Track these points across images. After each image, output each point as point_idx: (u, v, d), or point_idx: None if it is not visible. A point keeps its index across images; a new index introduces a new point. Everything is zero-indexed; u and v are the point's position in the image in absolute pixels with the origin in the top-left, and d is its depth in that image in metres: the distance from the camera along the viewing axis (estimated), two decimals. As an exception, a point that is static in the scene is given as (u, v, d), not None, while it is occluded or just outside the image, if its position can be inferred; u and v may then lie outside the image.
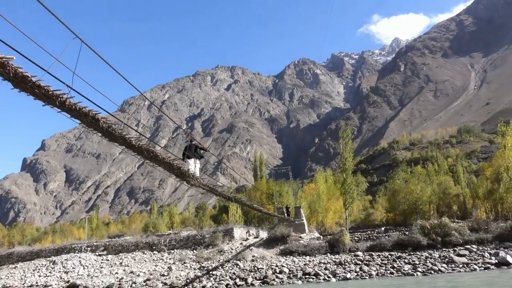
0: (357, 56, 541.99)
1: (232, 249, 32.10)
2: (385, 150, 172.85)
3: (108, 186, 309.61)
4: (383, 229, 40.65)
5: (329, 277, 23.21)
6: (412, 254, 25.87)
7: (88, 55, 7.09)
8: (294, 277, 24.06)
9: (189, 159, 13.55)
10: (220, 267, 27.49)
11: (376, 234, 32.84)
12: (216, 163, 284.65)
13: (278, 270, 25.28)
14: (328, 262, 26.24)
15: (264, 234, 36.84)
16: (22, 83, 6.18)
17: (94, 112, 7.55)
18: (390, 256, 26.02)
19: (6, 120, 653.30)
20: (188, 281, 25.37)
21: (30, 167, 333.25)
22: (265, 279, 24.01)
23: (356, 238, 31.85)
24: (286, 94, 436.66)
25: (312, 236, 35.15)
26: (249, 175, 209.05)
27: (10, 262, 37.76)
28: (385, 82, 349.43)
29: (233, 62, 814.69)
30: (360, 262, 25.37)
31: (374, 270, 23.47)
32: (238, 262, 27.96)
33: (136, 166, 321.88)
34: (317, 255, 28.11)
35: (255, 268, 26.42)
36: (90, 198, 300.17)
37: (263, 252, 30.02)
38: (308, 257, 28.06)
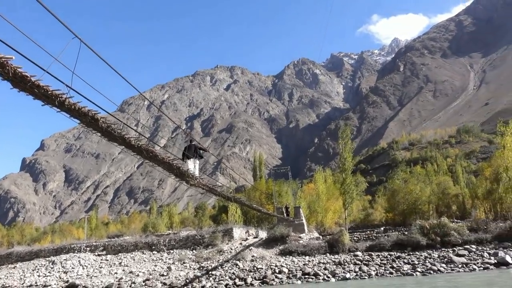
0: (356, 56, 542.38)
1: (231, 249, 32.10)
2: (384, 150, 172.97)
3: (107, 186, 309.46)
4: (383, 229, 40.60)
5: (328, 277, 23.22)
6: (411, 254, 25.88)
7: (87, 55, 7.10)
8: (294, 277, 24.06)
9: (188, 159, 13.55)
10: (219, 267, 27.49)
11: (375, 234, 32.81)
12: (215, 163, 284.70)
13: (277, 270, 25.28)
14: (327, 262, 26.24)
15: (263, 234, 36.84)
16: (22, 83, 6.17)
17: (94, 112, 7.55)
18: (389, 256, 26.03)
19: (5, 119, 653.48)
20: (187, 281, 25.36)
21: (30, 167, 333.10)
22: (264, 279, 24.01)
23: (355, 238, 31.84)
24: (286, 94, 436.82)
25: (311, 236, 35.15)
26: (248, 175, 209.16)
27: (9, 262, 37.74)
28: (384, 82, 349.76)
29: (232, 62, 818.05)
30: (359, 262, 25.37)
31: (374, 270, 23.49)
32: (238, 262, 27.96)
33: (135, 166, 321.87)
34: (316, 255, 28.12)
35: (255, 268, 26.41)
36: (89, 198, 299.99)
37: (263, 252, 30.02)
38: (307, 257, 28.07)
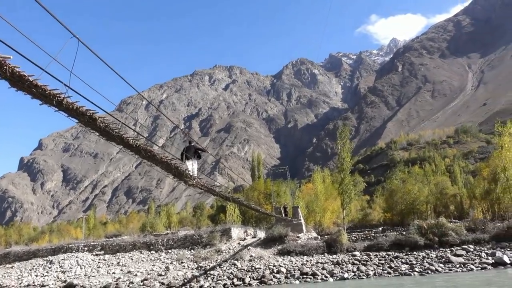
0: (355, 56, 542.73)
1: (229, 249, 32.11)
2: (382, 150, 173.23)
3: (105, 186, 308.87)
4: (381, 229, 40.67)
5: (326, 277, 23.24)
6: (409, 254, 25.93)
7: (85, 54, 7.09)
8: (292, 277, 24.08)
9: (188, 160, 13.55)
10: (217, 267, 27.48)
11: (373, 234, 32.85)
12: (214, 163, 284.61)
13: (275, 270, 25.29)
14: (325, 262, 26.27)
15: (261, 234, 36.86)
16: (19, 83, 6.15)
17: (92, 111, 7.53)
18: (387, 256, 26.09)
19: (3, 119, 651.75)
20: (185, 281, 25.35)
21: (27, 167, 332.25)
22: (262, 279, 24.02)
23: (353, 238, 31.87)
24: (284, 94, 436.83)
25: (309, 236, 35.18)
26: (246, 175, 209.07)
27: (7, 262, 37.69)
28: (382, 83, 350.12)
29: (231, 62, 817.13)
30: (357, 262, 25.41)
31: (372, 270, 23.53)
32: (236, 262, 27.96)
33: (133, 166, 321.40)
34: (314, 255, 28.14)
35: (253, 268, 26.42)
36: (87, 198, 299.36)
37: (261, 252, 30.03)
38: (305, 257, 28.09)
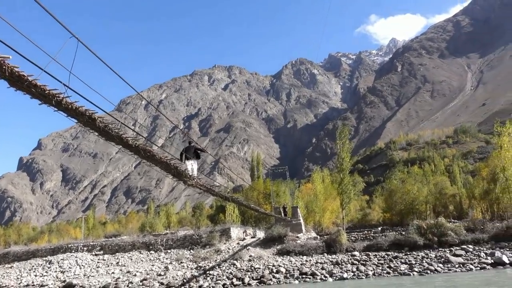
0: (354, 56, 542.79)
1: (229, 249, 32.11)
2: (382, 150, 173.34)
3: (104, 186, 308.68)
4: (380, 229, 40.72)
5: (326, 277, 23.26)
6: (408, 254, 25.95)
7: (85, 54, 7.05)
8: (291, 277, 24.09)
9: (187, 160, 13.57)
10: (217, 267, 27.48)
11: (373, 234, 32.91)
12: (213, 163, 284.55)
13: (275, 270, 25.30)
14: (325, 262, 26.28)
15: (261, 234, 36.87)
16: (18, 82, 6.14)
17: (91, 111, 7.52)
18: (386, 256, 26.11)
19: (2, 119, 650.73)
20: (185, 280, 25.35)
21: (27, 167, 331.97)
22: (262, 279, 24.02)
23: (353, 238, 31.91)
24: (284, 94, 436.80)
25: (309, 236, 35.18)
26: (246, 175, 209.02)
27: (6, 262, 37.67)
28: (382, 83, 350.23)
29: (230, 62, 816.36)
30: (356, 262, 25.43)
31: (371, 270, 23.54)
32: (235, 262, 27.96)
33: (133, 166, 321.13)
34: (314, 255, 28.15)
35: (252, 268, 26.42)
36: (86, 198, 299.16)
37: (260, 252, 30.03)
38: (305, 257, 28.10)
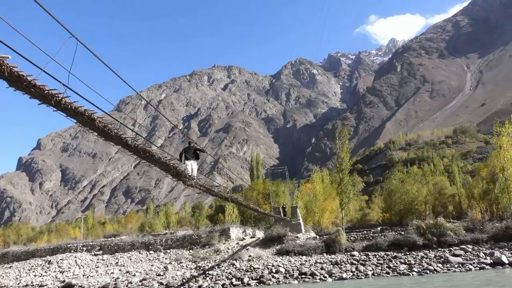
0: (353, 56, 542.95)
1: (228, 249, 32.12)
2: (381, 150, 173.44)
3: (104, 186, 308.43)
4: (379, 229, 40.73)
5: (325, 277, 23.26)
6: (407, 254, 25.98)
7: (84, 54, 7.03)
8: (290, 277, 24.09)
9: (187, 160, 13.61)
10: (216, 267, 27.48)
11: (372, 234, 32.94)
12: (212, 163, 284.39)
13: (274, 270, 25.30)
14: (324, 262, 26.29)
15: (260, 234, 36.88)
16: (18, 82, 6.13)
17: (90, 111, 7.50)
18: (386, 256, 26.13)
19: (1, 118, 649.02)
20: (184, 280, 25.34)
21: (26, 166, 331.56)
22: (261, 279, 24.02)
23: (352, 238, 31.93)
24: (283, 94, 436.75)
25: (308, 236, 35.20)
26: (245, 175, 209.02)
27: (5, 262, 37.66)
28: (381, 83, 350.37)
29: (230, 61, 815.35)
30: (356, 262, 25.45)
31: (370, 270, 23.55)
32: (235, 262, 27.96)
33: (132, 166, 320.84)
34: (313, 255, 28.17)
35: (251, 268, 26.42)
36: (86, 198, 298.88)
37: (260, 252, 30.03)
38: (304, 257, 28.12)
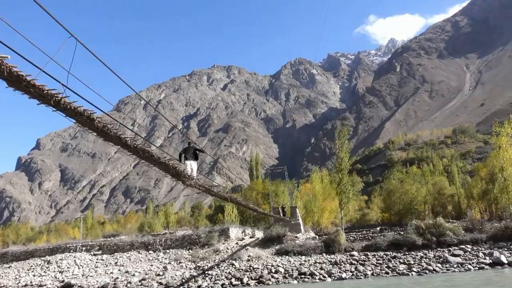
0: (353, 56, 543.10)
1: (227, 248, 32.11)
2: (380, 151, 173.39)
3: (103, 186, 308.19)
4: (379, 229, 40.75)
5: (324, 276, 23.26)
6: (407, 254, 25.99)
7: (83, 54, 7.02)
8: (290, 277, 24.09)
9: (186, 161, 13.62)
10: (215, 267, 27.48)
11: (371, 234, 32.94)
12: (212, 163, 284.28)
13: (273, 270, 25.30)
14: (323, 262, 26.30)
15: (260, 234, 36.88)
16: (17, 82, 6.13)
17: (89, 111, 7.50)
18: (385, 256, 26.14)
19: (0, 118, 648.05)
20: (183, 280, 25.33)
21: (25, 166, 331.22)
22: (260, 279, 24.01)
23: (351, 238, 31.93)
24: (282, 94, 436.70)
25: (307, 236, 35.20)
26: (245, 175, 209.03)
27: (5, 262, 37.62)
28: (381, 83, 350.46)
29: (229, 61, 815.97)
30: (355, 262, 25.46)
31: (370, 270, 23.56)
32: (234, 262, 27.96)
33: (131, 166, 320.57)
34: (312, 255, 28.18)
35: (251, 268, 26.42)
36: (85, 198, 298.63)
37: (259, 252, 30.03)
38: (303, 257, 28.12)
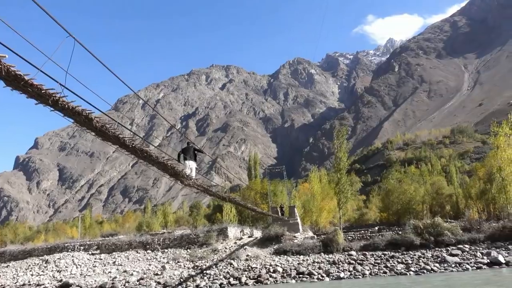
0: (351, 56, 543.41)
1: (226, 248, 32.11)
2: (379, 150, 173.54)
3: (101, 185, 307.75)
4: (377, 228, 40.75)
5: (322, 276, 23.28)
6: (405, 253, 26.03)
7: (82, 53, 6.99)
8: (288, 276, 24.10)
9: (186, 161, 13.62)
10: (214, 266, 27.47)
11: (369, 234, 32.94)
12: (210, 162, 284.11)
13: (272, 270, 25.31)
14: (321, 261, 26.32)
15: (258, 234, 36.88)
16: (15, 82, 6.11)
17: (87, 111, 7.48)
18: (383, 255, 26.17)
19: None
20: (181, 280, 25.33)
21: (23, 165, 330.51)
22: (259, 279, 24.02)
23: (349, 237, 31.93)
24: (281, 93, 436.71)
25: (306, 235, 35.22)
26: (243, 175, 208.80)
27: (2, 261, 37.55)
28: (379, 83, 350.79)
29: (228, 61, 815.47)
30: (353, 262, 25.48)
31: (368, 270, 23.58)
32: (232, 261, 27.96)
33: (130, 165, 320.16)
34: (311, 255, 28.20)
35: (249, 267, 26.43)
36: (83, 197, 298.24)
37: (257, 251, 30.04)
38: (302, 256, 28.14)
